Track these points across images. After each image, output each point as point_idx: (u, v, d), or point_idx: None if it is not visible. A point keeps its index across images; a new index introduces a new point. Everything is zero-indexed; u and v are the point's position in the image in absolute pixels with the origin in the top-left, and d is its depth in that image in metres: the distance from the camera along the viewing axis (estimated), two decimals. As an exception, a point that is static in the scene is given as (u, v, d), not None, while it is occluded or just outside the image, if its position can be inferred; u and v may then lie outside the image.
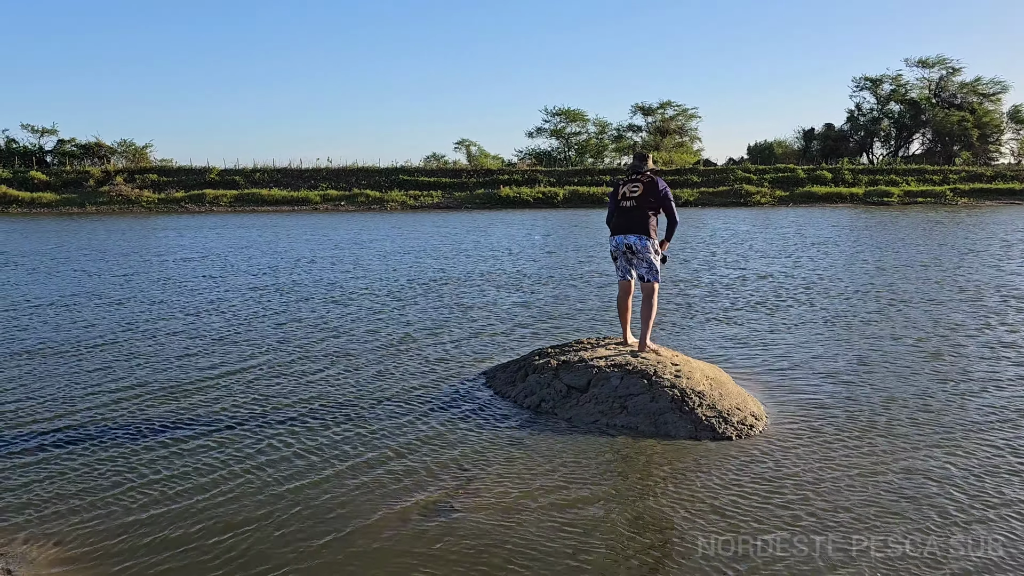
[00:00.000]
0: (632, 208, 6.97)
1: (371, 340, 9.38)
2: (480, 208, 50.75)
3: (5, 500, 4.81)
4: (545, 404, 6.61)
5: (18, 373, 7.81)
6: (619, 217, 7.00)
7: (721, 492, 4.83)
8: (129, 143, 60.19)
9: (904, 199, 53.52)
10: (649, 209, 6.95)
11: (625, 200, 6.99)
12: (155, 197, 50.55)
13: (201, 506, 4.73)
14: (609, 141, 77.64)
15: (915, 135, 73.36)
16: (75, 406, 6.72)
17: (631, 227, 6.96)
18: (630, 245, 6.97)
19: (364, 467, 5.32)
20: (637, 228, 6.95)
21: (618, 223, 7.00)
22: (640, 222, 6.96)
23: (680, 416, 6.03)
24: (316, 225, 33.91)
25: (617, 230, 7.01)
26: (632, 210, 6.97)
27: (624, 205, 6.98)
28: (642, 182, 6.98)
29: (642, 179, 7.00)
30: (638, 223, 6.95)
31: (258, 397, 7.02)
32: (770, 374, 7.69)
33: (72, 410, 6.61)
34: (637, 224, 6.95)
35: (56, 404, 6.78)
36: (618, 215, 7.02)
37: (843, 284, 13.88)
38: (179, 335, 9.67)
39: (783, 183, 57.26)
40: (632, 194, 6.98)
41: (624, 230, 6.97)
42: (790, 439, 5.77)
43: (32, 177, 51.61)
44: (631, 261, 7.04)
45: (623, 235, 6.98)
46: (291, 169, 57.95)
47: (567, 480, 5.07)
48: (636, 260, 7.01)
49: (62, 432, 6.06)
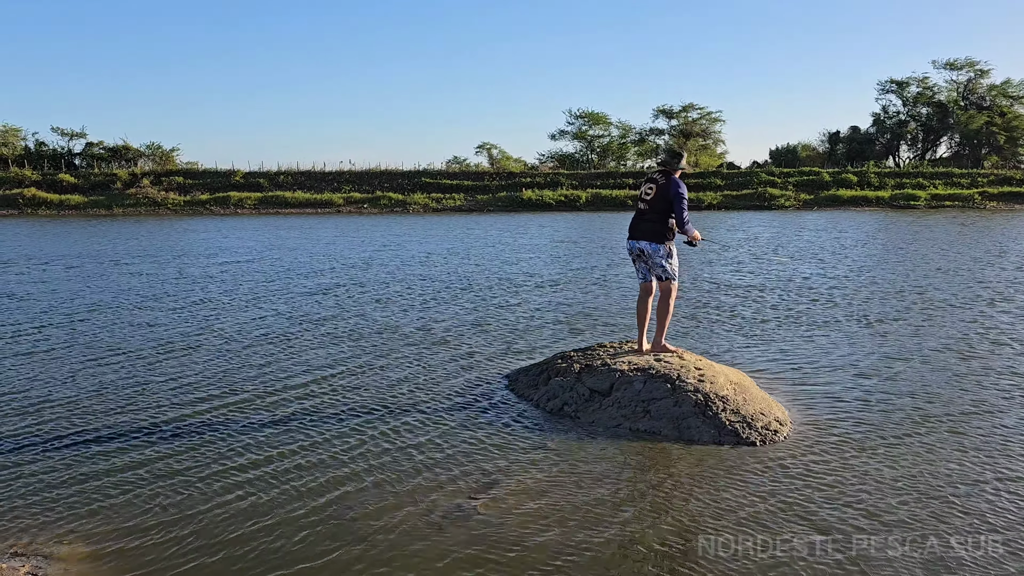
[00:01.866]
0: (644, 211, 6.92)
1: (395, 342, 9.42)
2: (502, 211, 50.78)
3: (33, 498, 4.89)
4: (567, 407, 6.60)
5: (55, 374, 7.94)
6: (633, 219, 6.97)
7: (745, 498, 4.80)
8: (156, 146, 60.98)
9: (931, 203, 52.80)
10: (662, 212, 6.85)
11: (640, 201, 6.96)
12: (181, 200, 51.11)
13: (225, 506, 4.78)
14: (632, 144, 77.39)
15: (942, 138, 72.40)
16: (109, 406, 6.81)
17: (642, 232, 6.91)
18: (642, 250, 6.95)
19: (387, 468, 5.34)
20: (647, 234, 6.89)
21: (632, 225, 6.96)
22: (650, 227, 6.88)
23: (703, 421, 6.00)
24: (346, 227, 34.10)
25: (630, 233, 6.97)
26: (644, 213, 6.92)
27: (638, 207, 6.95)
28: (657, 183, 6.87)
29: (658, 179, 6.90)
30: (648, 228, 6.89)
31: (279, 399, 7.07)
32: (795, 379, 7.62)
33: (106, 409, 6.70)
34: (647, 229, 6.89)
35: (89, 404, 6.88)
36: (634, 217, 6.99)
37: (869, 288, 13.73)
38: (216, 334, 9.77)
39: (808, 186, 56.74)
40: (646, 196, 6.92)
41: (636, 235, 6.94)
42: (815, 445, 5.72)
43: (61, 179, 52.36)
44: (646, 264, 7.02)
45: (635, 240, 6.95)
46: (314, 172, 58.35)
47: (590, 484, 5.06)
48: (651, 263, 7.00)
49: (94, 431, 6.14)
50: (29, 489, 5.03)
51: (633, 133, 77.30)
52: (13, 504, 4.81)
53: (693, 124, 76.35)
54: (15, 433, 6.10)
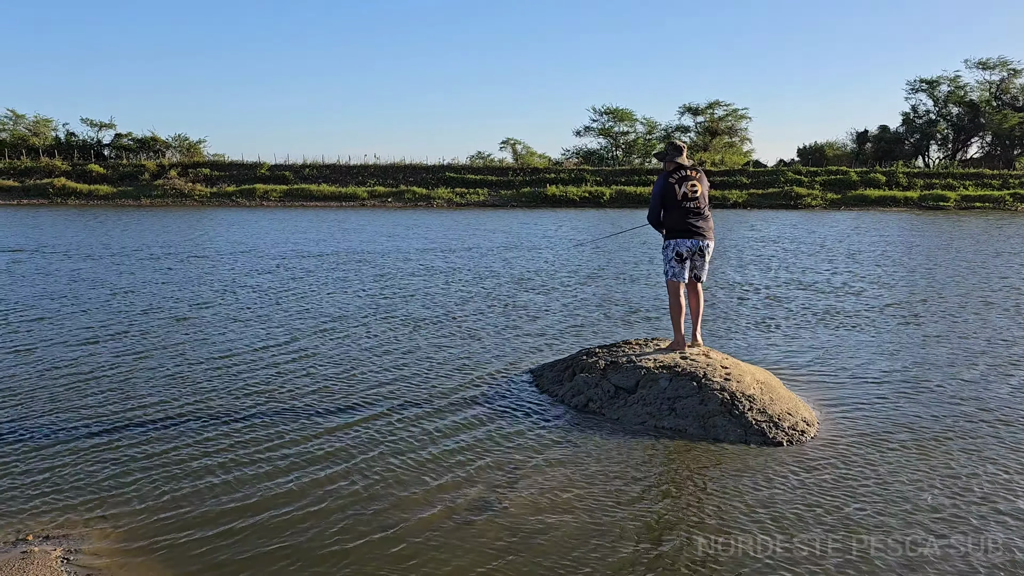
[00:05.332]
0: (700, 209, 6.88)
1: (419, 336, 9.45)
2: (526, 206, 50.75)
3: (66, 484, 4.97)
4: (592, 404, 6.59)
5: (99, 360, 8.05)
6: (690, 218, 6.82)
7: (771, 498, 4.76)
8: (183, 138, 61.57)
9: (961, 204, 52.07)
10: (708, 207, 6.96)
11: (688, 200, 6.84)
12: (207, 191, 51.60)
13: (254, 494, 4.82)
14: (657, 141, 76.96)
15: (973, 138, 71.30)
16: (141, 391, 6.90)
17: (706, 231, 6.89)
18: (703, 248, 6.90)
19: (413, 462, 5.36)
20: (710, 233, 6.92)
21: (692, 225, 6.82)
22: (710, 225, 6.96)
23: (729, 420, 5.96)
24: (373, 220, 34.26)
25: (691, 233, 6.82)
26: (701, 211, 6.88)
27: (689, 206, 6.83)
28: (698, 179, 6.88)
29: (696, 175, 6.89)
30: (709, 226, 6.94)
31: (304, 392, 7.12)
32: (822, 379, 7.55)
33: (136, 395, 6.79)
34: (709, 227, 6.93)
35: (127, 390, 6.97)
36: (687, 216, 6.82)
37: (897, 290, 13.57)
38: (246, 324, 9.86)
39: (835, 186, 56.15)
40: (695, 193, 6.86)
41: (700, 234, 6.85)
42: (842, 446, 5.66)
43: (90, 170, 53.07)
44: (696, 263, 6.97)
45: (699, 239, 6.85)
46: (339, 165, 58.62)
47: (615, 481, 5.05)
48: (703, 262, 6.97)
49: (129, 417, 6.23)
50: (62, 473, 5.11)
51: (659, 130, 76.94)
52: (45, 487, 4.89)
53: (719, 121, 75.83)
54: (51, 416, 6.19)
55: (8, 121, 62.42)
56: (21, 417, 6.20)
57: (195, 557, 4.09)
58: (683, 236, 6.85)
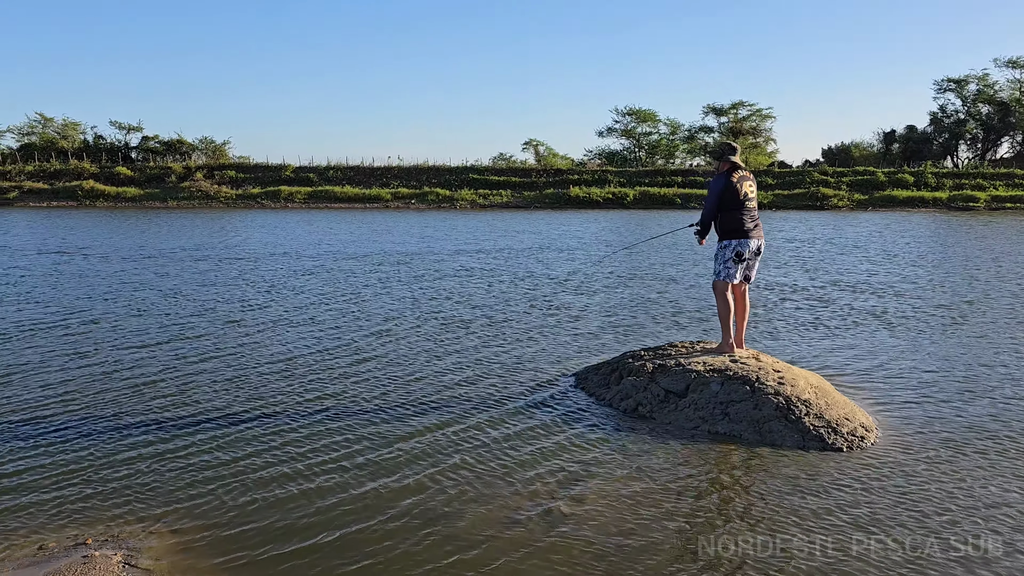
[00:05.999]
0: (756, 209, 6.88)
1: (464, 338, 9.39)
2: (549, 208, 50.65)
3: (125, 488, 4.94)
4: (642, 408, 6.49)
5: (155, 363, 8.07)
6: (748, 218, 6.75)
7: (836, 506, 4.63)
8: (209, 140, 62.19)
9: (991, 204, 51.31)
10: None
11: (749, 200, 6.79)
12: (233, 193, 51.99)
13: (310, 500, 4.76)
14: (681, 142, 76.63)
15: (1004, 138, 70.25)
16: (201, 394, 6.89)
17: (760, 230, 6.89)
18: (760, 248, 6.88)
19: (466, 468, 5.28)
20: (762, 232, 6.94)
21: (754, 225, 6.78)
22: (761, 224, 6.97)
23: (786, 425, 5.84)
24: (400, 221, 34.32)
25: (751, 233, 6.76)
26: (755, 210, 6.88)
27: (749, 206, 6.78)
28: (752, 180, 6.91)
29: (750, 175, 6.91)
30: (761, 225, 6.94)
31: (360, 397, 7.08)
32: (872, 383, 7.39)
33: (197, 398, 6.78)
34: (761, 227, 6.94)
35: (188, 394, 6.96)
36: (746, 216, 6.74)
37: (939, 290, 13.32)
38: (299, 327, 9.86)
39: (862, 186, 55.54)
40: (752, 193, 6.86)
41: (758, 234, 6.83)
42: (905, 451, 5.52)
43: (118, 172, 53.70)
44: (750, 264, 6.88)
45: (758, 239, 6.83)
46: (363, 167, 58.89)
47: (672, 486, 4.95)
48: (755, 262, 6.93)
49: (189, 423, 6.21)
50: (123, 477, 5.08)
51: (682, 131, 76.57)
52: (106, 491, 4.86)
53: (743, 122, 75.32)
54: (113, 420, 6.19)
55: (37, 124, 63.40)
56: (84, 420, 6.18)
57: (251, 563, 4.03)
58: (745, 236, 6.77)
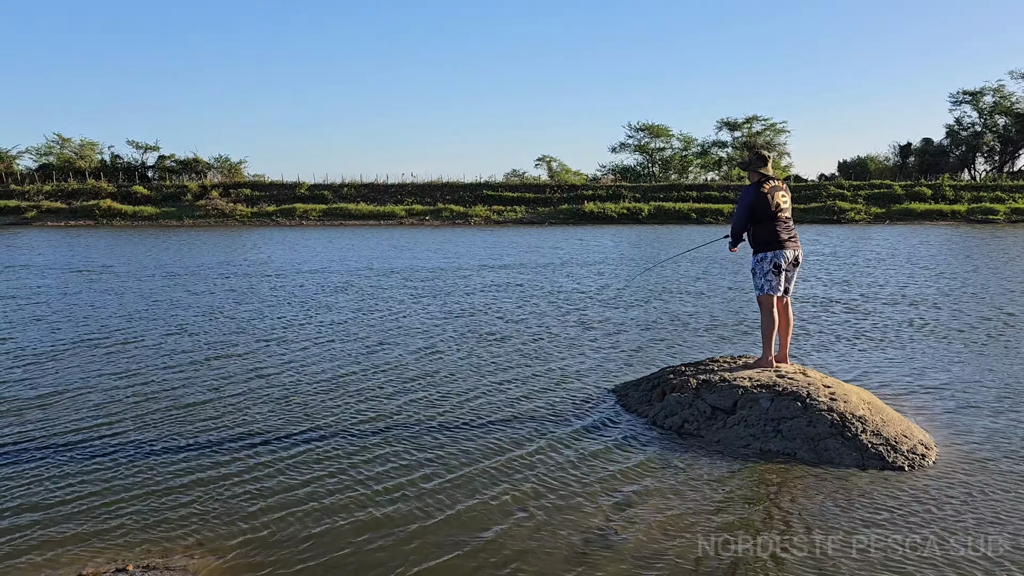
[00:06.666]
0: (790, 219, 6.73)
1: (498, 357, 9.20)
2: (564, 223, 50.54)
3: (168, 512, 4.77)
4: (688, 425, 6.28)
5: (201, 382, 7.94)
6: (782, 229, 6.58)
7: (908, 528, 4.41)
8: (224, 159, 62.60)
9: (1011, 217, 50.84)
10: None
11: (781, 210, 6.62)
12: (248, 211, 52.19)
13: (354, 523, 4.59)
14: (694, 157, 76.56)
15: (1021, 150, 69.73)
16: (248, 415, 6.74)
17: (797, 240, 6.74)
18: (798, 257, 6.71)
19: (516, 487, 5.09)
20: (799, 242, 6.77)
21: (789, 236, 6.61)
22: (796, 233, 6.80)
23: (843, 442, 5.62)
24: (418, 238, 34.27)
25: (787, 243, 6.59)
26: (790, 221, 6.72)
27: (783, 216, 6.61)
28: (785, 190, 6.76)
29: (783, 185, 6.76)
30: (797, 235, 6.78)
31: (386, 414, 6.92)
32: (922, 397, 7.16)
33: (244, 419, 6.63)
34: (798, 237, 6.79)
35: (233, 415, 6.81)
36: (781, 227, 6.58)
37: (975, 303, 13.04)
38: (342, 344, 9.72)
39: (879, 200, 55.20)
40: (785, 204, 6.69)
41: (794, 243, 6.67)
42: (970, 470, 5.28)
43: (135, 191, 54.06)
44: (788, 276, 6.69)
45: (794, 249, 6.66)
46: (377, 184, 59.03)
47: (730, 507, 4.74)
48: (794, 273, 6.74)
49: (235, 444, 6.05)
50: (164, 500, 4.91)
51: (695, 145, 76.53)
52: (147, 515, 4.69)
53: (757, 136, 75.21)
54: (158, 442, 6.04)
55: (55, 145, 64.00)
56: (127, 442, 6.01)
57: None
58: (779, 247, 6.59)
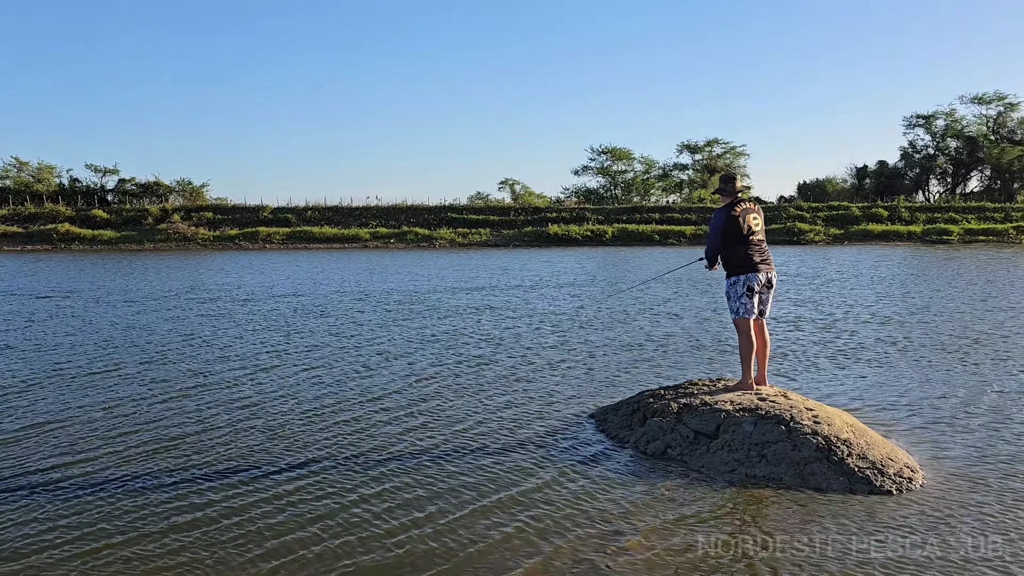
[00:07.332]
0: (763, 241, 6.71)
1: (474, 382, 9.05)
2: (529, 246, 50.63)
3: (152, 560, 4.53)
4: (671, 451, 6.19)
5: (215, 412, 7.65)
6: (755, 251, 6.58)
7: (903, 553, 4.35)
8: (186, 182, 61.64)
9: (964, 237, 52.17)
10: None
11: (753, 233, 6.62)
12: (210, 235, 51.46)
13: (319, 551, 4.40)
14: (655, 179, 77.49)
15: (973, 172, 71.76)
16: (238, 449, 6.49)
17: (770, 262, 6.71)
18: (771, 279, 6.67)
19: (495, 518, 4.93)
20: (772, 263, 6.73)
21: (762, 258, 6.61)
22: (771, 257, 6.77)
23: (829, 467, 5.56)
24: (386, 261, 33.96)
25: (760, 266, 6.58)
26: (763, 243, 6.71)
27: (756, 239, 6.61)
28: (757, 212, 6.75)
29: (755, 207, 6.75)
30: (771, 257, 6.76)
31: (363, 448, 6.72)
32: (901, 419, 7.16)
33: (234, 454, 6.38)
34: (771, 259, 6.76)
35: (228, 451, 6.56)
36: (753, 250, 6.58)
37: (942, 323, 13.22)
38: (327, 371, 9.47)
39: (837, 221, 56.31)
40: (757, 226, 6.67)
41: (767, 265, 6.64)
42: (958, 492, 5.25)
43: (94, 215, 53.00)
44: (763, 298, 6.67)
45: (767, 271, 6.64)
46: (341, 207, 58.65)
47: (721, 535, 4.64)
48: (768, 295, 6.68)
49: (210, 480, 5.80)
50: (148, 545, 4.67)
51: (657, 168, 77.50)
52: (131, 560, 4.45)
53: (717, 159, 76.45)
54: (130, 480, 5.78)
55: (12, 168, 62.58)
56: (110, 481, 5.71)
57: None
58: (752, 270, 6.58)
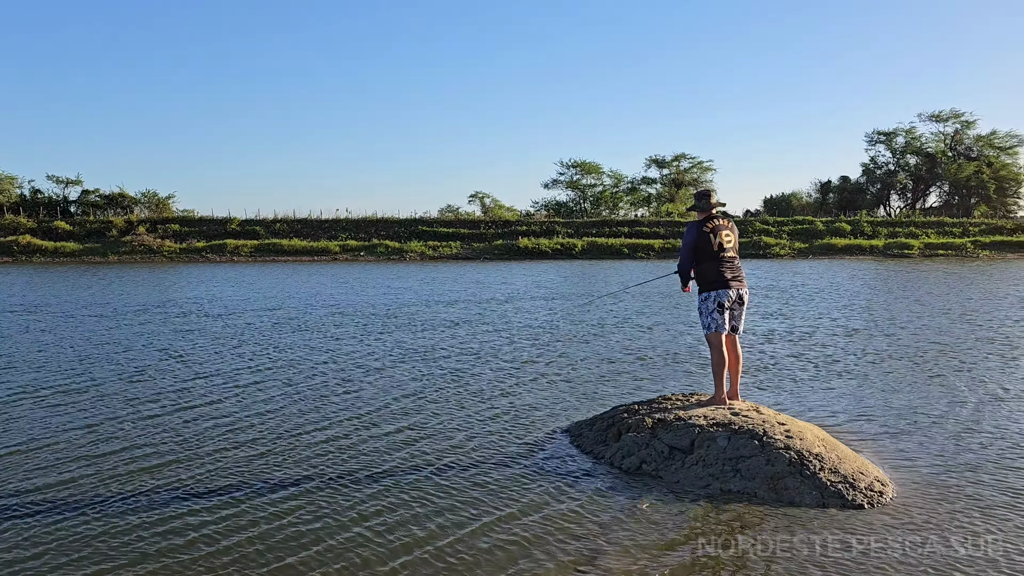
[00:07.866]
0: (735, 258, 6.80)
1: (451, 396, 9.04)
2: (499, 259, 50.63)
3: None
4: (646, 466, 6.25)
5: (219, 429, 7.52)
6: (726, 269, 6.69)
7: (879, 567, 4.44)
8: (152, 193, 60.71)
9: (925, 251, 53.25)
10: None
11: (724, 250, 6.73)
12: (176, 247, 50.72)
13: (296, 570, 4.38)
14: (624, 193, 78.06)
15: (932, 188, 73.36)
16: (215, 470, 6.40)
17: (742, 279, 6.79)
18: (742, 296, 6.75)
19: (469, 538, 4.94)
20: (744, 280, 6.81)
21: (733, 275, 6.71)
22: (743, 275, 6.87)
23: (802, 481, 5.66)
24: (357, 274, 33.74)
25: (731, 282, 6.68)
26: (735, 260, 6.80)
27: (727, 256, 6.72)
28: (730, 229, 6.82)
29: (728, 224, 6.82)
30: (743, 275, 6.84)
31: (338, 468, 6.68)
32: (867, 432, 7.30)
33: (210, 476, 6.28)
34: (743, 276, 6.84)
35: (220, 468, 6.46)
36: (724, 266, 6.68)
37: (907, 335, 13.49)
38: (307, 386, 9.37)
39: (801, 235, 57.12)
40: (729, 243, 6.77)
41: (738, 282, 6.74)
42: (928, 506, 5.36)
43: (56, 227, 51.97)
44: (735, 313, 6.77)
45: (739, 287, 6.73)
46: (311, 219, 58.18)
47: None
48: (741, 311, 6.78)
49: (198, 502, 5.72)
50: (135, 571, 4.61)
51: (625, 182, 78.06)
52: None
53: (684, 173, 77.25)
54: (114, 504, 5.67)
55: (-31, 179, 61.11)
56: (92, 505, 5.58)
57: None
58: (723, 287, 6.68)
